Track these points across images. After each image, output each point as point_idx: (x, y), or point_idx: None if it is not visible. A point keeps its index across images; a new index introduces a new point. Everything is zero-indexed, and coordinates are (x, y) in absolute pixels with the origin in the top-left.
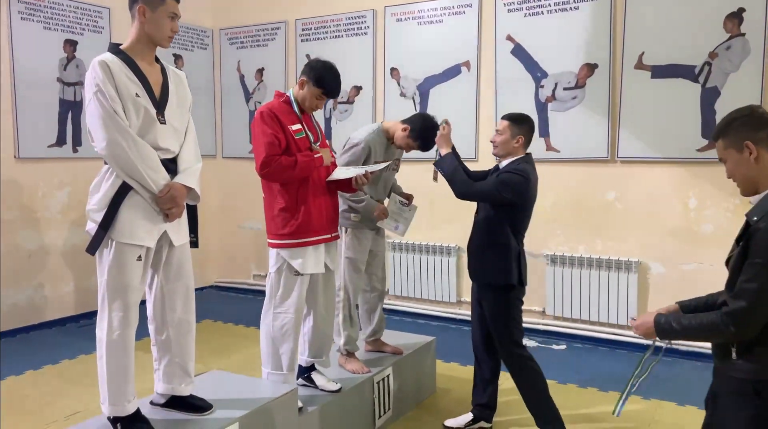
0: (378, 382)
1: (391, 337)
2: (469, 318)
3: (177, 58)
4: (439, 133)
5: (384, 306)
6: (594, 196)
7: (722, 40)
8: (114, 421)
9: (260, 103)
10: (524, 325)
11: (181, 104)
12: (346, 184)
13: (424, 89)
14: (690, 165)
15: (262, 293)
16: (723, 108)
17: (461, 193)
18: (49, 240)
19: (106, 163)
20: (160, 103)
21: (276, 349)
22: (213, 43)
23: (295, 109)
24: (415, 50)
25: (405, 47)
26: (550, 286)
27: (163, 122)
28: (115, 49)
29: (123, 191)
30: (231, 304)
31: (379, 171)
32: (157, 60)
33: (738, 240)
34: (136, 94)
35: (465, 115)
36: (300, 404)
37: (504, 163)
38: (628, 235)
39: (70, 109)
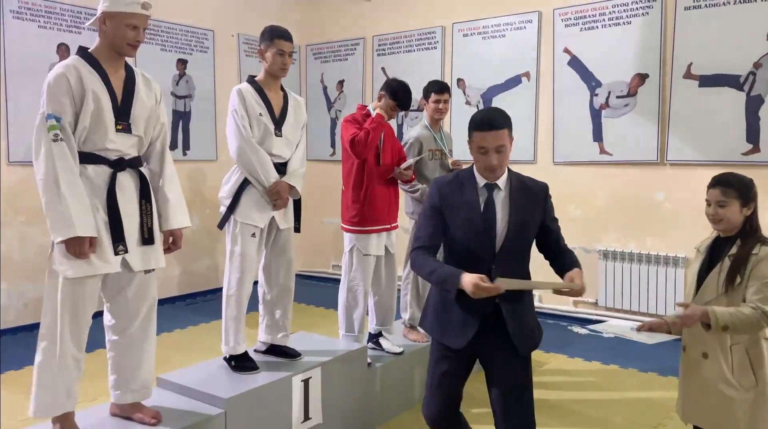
0: None
1: None
2: None
3: None
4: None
5: None
6: (644, 197)
7: (766, 51)
8: (229, 359)
9: (340, 111)
10: (578, 315)
11: (296, 123)
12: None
13: (487, 98)
14: (735, 168)
15: (339, 281)
16: (767, 115)
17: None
18: None
19: (235, 163)
20: (278, 121)
21: (350, 315)
22: (300, 58)
23: None
24: (479, 62)
25: (470, 60)
26: (602, 279)
27: (279, 135)
28: (251, 79)
29: (244, 184)
30: (312, 289)
31: (414, 162)
32: (282, 89)
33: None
34: (260, 114)
35: (525, 121)
36: (369, 360)
37: (502, 180)
38: (676, 233)
39: (181, 119)
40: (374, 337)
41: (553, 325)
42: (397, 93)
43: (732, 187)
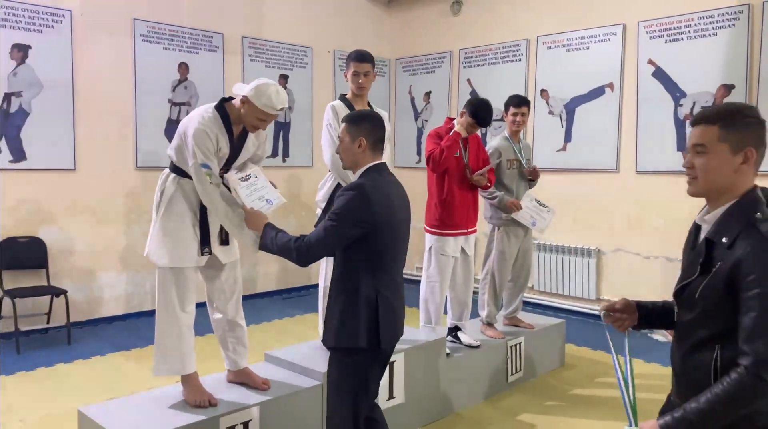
0: (511, 346)
1: (526, 317)
2: None
3: None
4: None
5: (529, 300)
6: None
7: None
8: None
9: (426, 121)
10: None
11: None
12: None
13: (570, 108)
14: None
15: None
16: None
17: (303, 261)
18: None
19: (329, 171)
20: None
21: (427, 308)
22: (390, 71)
23: None
24: (563, 74)
25: (554, 71)
26: None
27: None
28: (341, 97)
29: (337, 189)
30: None
31: (485, 171)
32: (369, 104)
33: (703, 265)
34: None
35: (608, 131)
36: (448, 351)
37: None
38: None
39: (282, 129)
40: (453, 331)
41: (632, 332)
42: (476, 112)
43: None
